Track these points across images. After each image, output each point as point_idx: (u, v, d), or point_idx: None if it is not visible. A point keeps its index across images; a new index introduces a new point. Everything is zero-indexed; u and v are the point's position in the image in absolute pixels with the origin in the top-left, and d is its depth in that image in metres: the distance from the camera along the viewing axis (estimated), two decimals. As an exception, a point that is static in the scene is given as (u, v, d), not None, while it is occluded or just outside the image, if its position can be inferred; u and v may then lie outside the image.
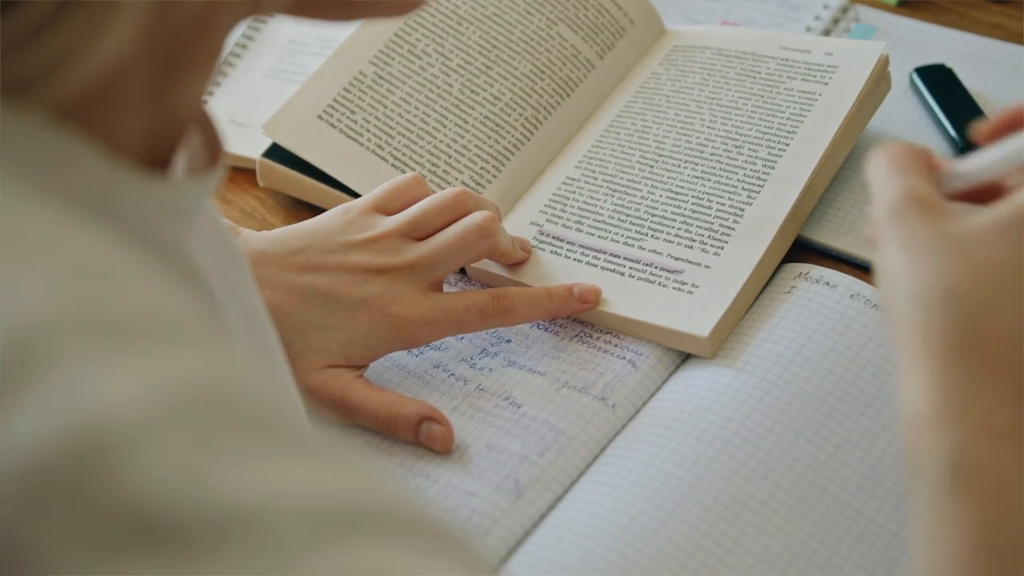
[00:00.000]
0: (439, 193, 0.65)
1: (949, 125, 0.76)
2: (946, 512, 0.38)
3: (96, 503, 0.22)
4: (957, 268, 0.40)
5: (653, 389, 0.63)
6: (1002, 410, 0.39)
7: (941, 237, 0.41)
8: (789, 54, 0.77)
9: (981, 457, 0.38)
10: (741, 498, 0.55)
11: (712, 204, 0.69)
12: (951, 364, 0.39)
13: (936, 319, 0.40)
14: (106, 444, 0.22)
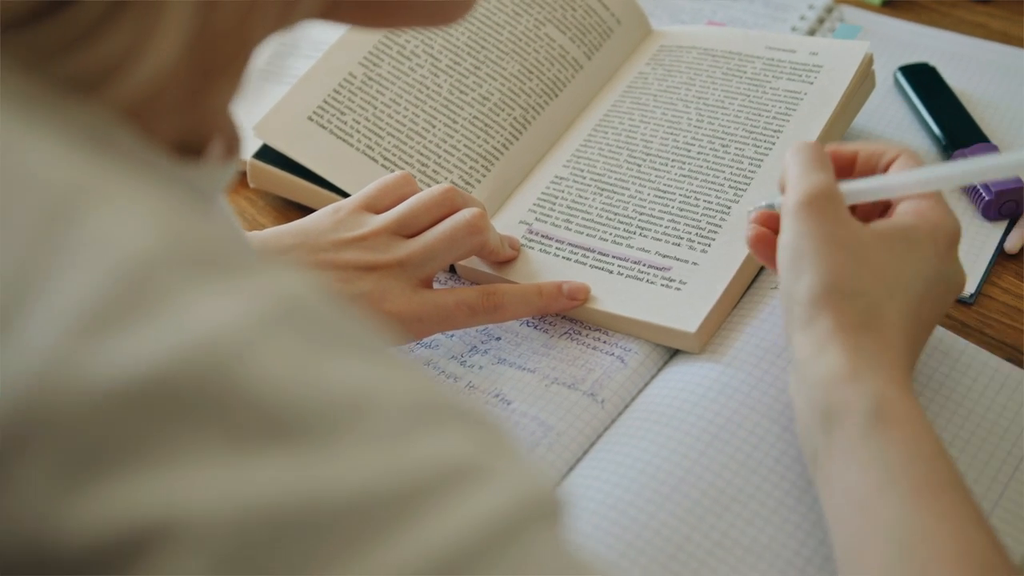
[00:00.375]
0: (427, 190, 0.65)
1: (933, 123, 0.77)
2: (869, 449, 0.46)
3: (226, 405, 0.24)
4: (862, 271, 0.51)
5: (642, 384, 0.64)
6: (896, 370, 0.49)
7: (851, 240, 0.51)
8: (775, 54, 0.78)
9: (894, 400, 0.48)
10: (729, 491, 0.56)
11: (699, 202, 0.70)
12: (859, 339, 0.49)
13: (846, 307, 0.50)
14: (226, 354, 0.24)
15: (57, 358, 0.23)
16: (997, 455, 0.57)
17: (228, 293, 0.25)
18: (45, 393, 0.23)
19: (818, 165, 0.53)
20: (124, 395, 0.23)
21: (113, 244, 0.25)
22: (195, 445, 0.24)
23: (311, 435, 0.24)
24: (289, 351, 0.25)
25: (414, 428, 0.25)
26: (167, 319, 0.24)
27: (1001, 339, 0.65)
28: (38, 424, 0.23)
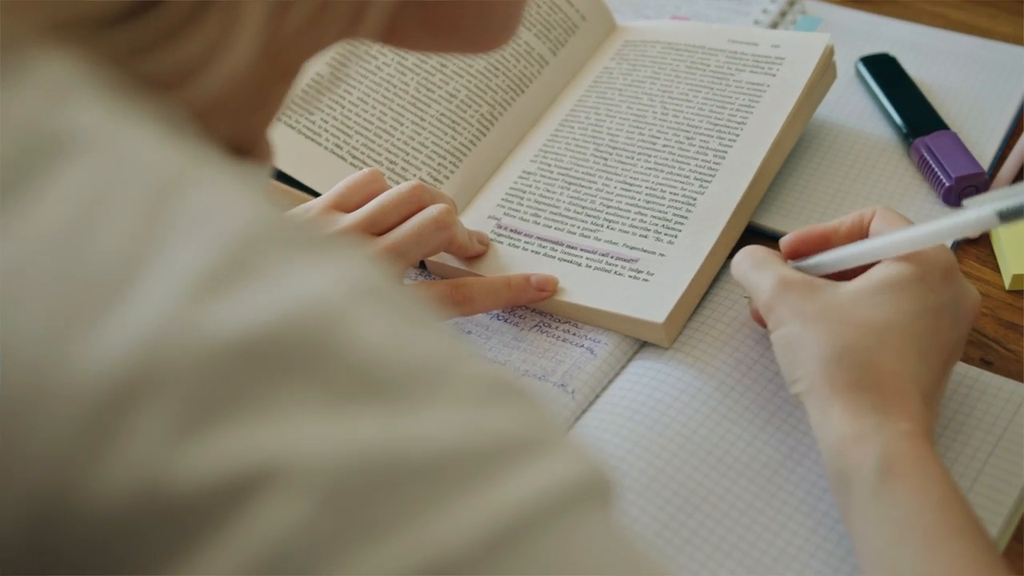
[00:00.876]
0: (395, 188, 0.66)
1: (894, 112, 0.78)
2: (881, 506, 0.48)
3: (327, 362, 0.26)
4: (844, 329, 0.52)
5: (612, 375, 0.64)
6: (902, 420, 0.50)
7: (824, 307, 0.53)
8: (737, 47, 0.79)
9: (901, 453, 0.49)
10: (700, 492, 0.57)
11: (665, 194, 0.71)
12: (857, 398, 0.51)
13: (836, 370, 0.52)
14: (327, 317, 0.26)
15: (174, 317, 0.26)
16: (969, 446, 0.58)
17: (321, 265, 0.27)
18: (163, 349, 0.25)
19: (760, 265, 0.58)
20: (235, 351, 0.26)
21: (216, 219, 0.27)
22: (299, 398, 0.26)
23: (403, 394, 0.26)
24: (380, 319, 0.27)
25: (489, 399, 0.28)
26: (271, 285, 0.26)
27: (963, 323, 0.66)
28: (157, 377, 0.25)
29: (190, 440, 0.25)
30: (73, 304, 0.26)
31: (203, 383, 0.25)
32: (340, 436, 0.26)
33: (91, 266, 0.26)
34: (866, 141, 0.78)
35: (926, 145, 0.74)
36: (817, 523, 0.56)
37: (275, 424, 0.25)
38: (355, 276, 0.28)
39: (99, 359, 0.25)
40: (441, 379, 0.27)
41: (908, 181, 0.75)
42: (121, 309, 0.26)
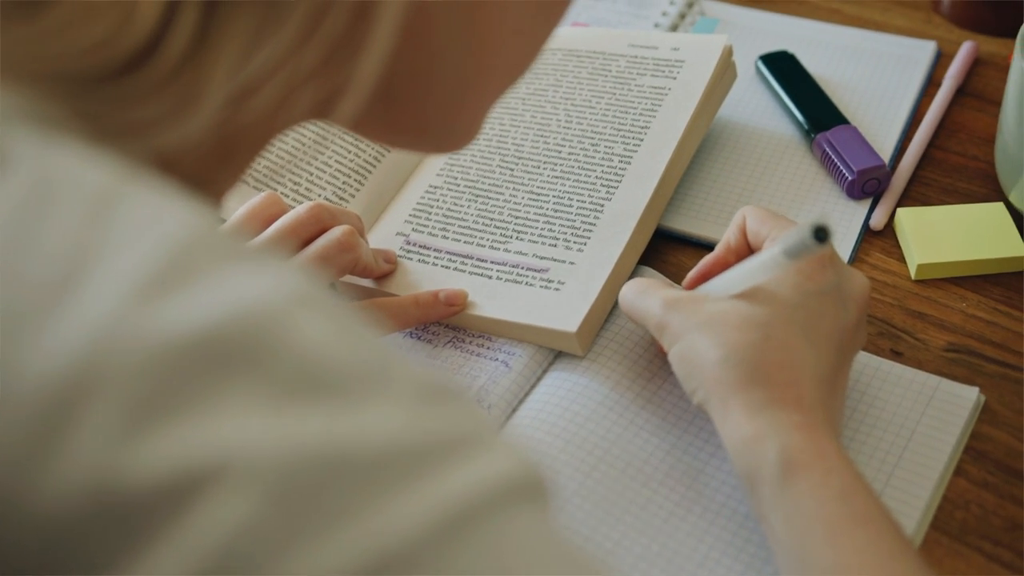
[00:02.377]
0: (295, 210, 0.64)
1: (795, 109, 0.79)
2: (786, 501, 0.48)
3: (270, 361, 0.26)
4: (727, 331, 0.53)
5: (528, 387, 0.64)
6: (796, 411, 0.51)
7: (708, 315, 0.54)
8: (638, 51, 0.79)
9: (799, 447, 0.49)
10: (621, 503, 0.57)
11: (573, 202, 0.70)
12: (750, 396, 0.51)
13: (725, 371, 0.52)
14: (269, 318, 0.27)
15: (117, 318, 0.26)
16: (884, 440, 0.59)
17: (260, 272, 0.28)
18: (108, 348, 0.26)
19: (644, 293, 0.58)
20: (179, 349, 0.26)
21: (157, 226, 0.28)
22: (243, 395, 0.26)
23: (345, 392, 0.27)
24: (320, 322, 0.28)
25: (427, 398, 0.28)
26: (213, 288, 0.27)
27: (872, 314, 0.66)
28: (102, 376, 0.25)
29: (136, 438, 0.25)
30: (15, 307, 0.26)
31: (148, 381, 0.26)
32: (285, 432, 0.26)
33: (32, 270, 0.27)
34: (769, 139, 0.79)
35: (828, 140, 0.75)
36: (739, 526, 0.56)
37: (220, 421, 0.26)
38: (294, 283, 0.28)
39: (43, 360, 0.25)
40: (381, 379, 0.28)
41: (812, 176, 0.76)
42: (64, 311, 0.26)
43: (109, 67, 0.31)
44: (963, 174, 0.75)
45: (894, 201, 0.73)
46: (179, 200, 0.29)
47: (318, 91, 0.35)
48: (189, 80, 0.31)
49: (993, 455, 0.59)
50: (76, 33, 0.30)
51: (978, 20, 0.87)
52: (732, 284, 0.56)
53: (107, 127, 0.31)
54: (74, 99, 0.31)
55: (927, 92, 0.82)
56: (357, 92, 0.35)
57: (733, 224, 0.61)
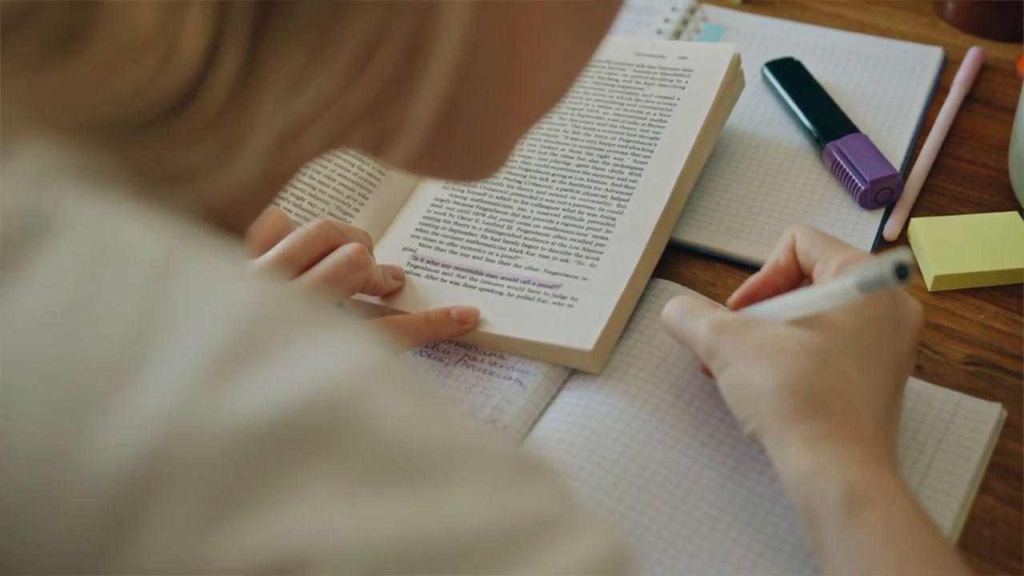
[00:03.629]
0: (303, 227, 0.63)
1: (804, 117, 0.78)
2: (849, 539, 0.47)
3: (350, 445, 0.25)
4: (783, 360, 0.51)
5: (543, 406, 0.63)
6: (857, 444, 0.49)
7: (761, 342, 0.52)
8: (644, 60, 0.78)
9: (863, 482, 0.47)
10: (643, 521, 0.56)
11: (584, 216, 0.69)
12: (809, 428, 0.49)
13: (781, 401, 0.50)
14: (348, 398, 0.26)
15: (187, 403, 0.24)
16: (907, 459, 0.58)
17: (332, 342, 0.26)
18: (179, 437, 0.24)
19: (691, 313, 0.57)
20: (255, 435, 0.25)
21: (219, 298, 0.26)
22: (325, 482, 0.25)
23: (428, 475, 0.26)
24: (399, 397, 0.26)
25: (512, 478, 0.27)
26: (285, 364, 0.25)
27: (889, 328, 0.65)
28: (175, 466, 0.24)
29: (216, 530, 0.24)
30: (78, 392, 0.25)
31: (225, 469, 0.24)
32: (368, 522, 0.25)
33: (93, 350, 0.25)
34: (778, 148, 0.78)
35: (838, 149, 0.74)
36: (764, 545, 0.55)
37: (302, 510, 0.24)
38: (369, 354, 0.27)
39: (112, 450, 0.24)
40: (464, 459, 0.27)
41: (823, 186, 0.75)
42: (130, 395, 0.25)
43: (152, 112, 0.29)
44: (975, 182, 0.75)
45: (907, 211, 0.72)
46: (235, 261, 0.28)
47: (369, 132, 0.34)
48: (234, 121, 0.30)
49: (1018, 470, 0.58)
50: (115, 77, 0.29)
51: (983, 25, 0.86)
52: (791, 310, 0.54)
53: (152, 176, 0.30)
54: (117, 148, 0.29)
55: (935, 99, 0.81)
56: (412, 133, 0.34)
57: (782, 243, 0.59)
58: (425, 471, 0.26)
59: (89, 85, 0.28)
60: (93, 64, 0.28)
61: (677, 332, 0.58)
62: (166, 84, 0.29)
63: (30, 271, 0.26)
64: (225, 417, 0.25)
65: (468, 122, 0.38)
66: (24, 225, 0.26)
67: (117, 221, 0.27)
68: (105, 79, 0.28)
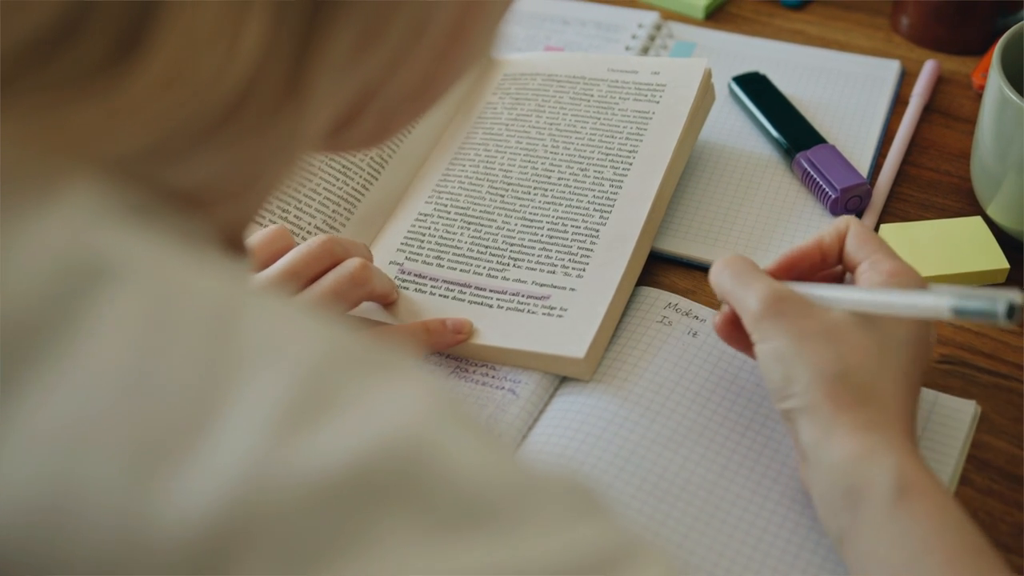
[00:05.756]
0: (306, 243, 0.64)
1: (772, 129, 0.80)
2: (898, 523, 0.48)
3: (425, 491, 0.25)
4: (845, 350, 0.52)
5: (536, 414, 0.64)
6: (907, 441, 0.51)
7: (822, 326, 0.53)
8: (618, 75, 0.80)
9: (914, 472, 0.49)
10: (639, 520, 0.57)
11: (568, 228, 0.71)
12: (863, 415, 0.51)
13: (841, 388, 0.51)
14: (420, 444, 0.26)
15: (262, 457, 0.24)
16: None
17: (396, 388, 0.27)
18: (256, 492, 0.24)
19: (746, 276, 0.57)
20: (332, 487, 0.25)
21: (283, 348, 0.26)
22: (403, 530, 0.25)
23: (499, 517, 0.26)
24: (465, 441, 0.27)
25: (576, 515, 0.28)
26: (354, 414, 0.26)
27: (864, 330, 0.68)
28: (254, 521, 0.24)
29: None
30: (150, 448, 0.24)
31: (304, 521, 0.24)
32: (448, 566, 0.25)
33: (162, 405, 0.25)
34: (748, 159, 0.80)
35: (808, 159, 0.77)
36: (758, 539, 0.56)
37: (383, 559, 0.25)
38: (434, 398, 0.27)
39: (190, 507, 0.24)
40: (531, 499, 0.27)
41: (794, 195, 0.77)
42: (203, 451, 0.24)
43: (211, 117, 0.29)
44: (938, 189, 0.78)
45: (876, 217, 0.75)
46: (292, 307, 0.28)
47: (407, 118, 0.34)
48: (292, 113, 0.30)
49: (995, 463, 0.61)
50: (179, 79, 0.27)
51: (936, 39, 0.90)
52: (858, 304, 0.54)
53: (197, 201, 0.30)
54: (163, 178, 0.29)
55: (895, 110, 0.84)
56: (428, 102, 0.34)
57: (833, 228, 0.60)
58: (496, 513, 0.26)
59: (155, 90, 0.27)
60: (157, 64, 0.27)
61: (728, 291, 0.58)
62: (227, 84, 0.28)
63: (94, 321, 0.25)
64: (300, 470, 0.25)
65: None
66: (82, 269, 0.26)
67: (172, 264, 0.27)
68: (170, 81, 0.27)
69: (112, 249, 0.26)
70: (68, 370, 0.25)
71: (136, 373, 0.25)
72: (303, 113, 0.30)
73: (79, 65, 0.27)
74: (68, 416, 0.24)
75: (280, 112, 0.30)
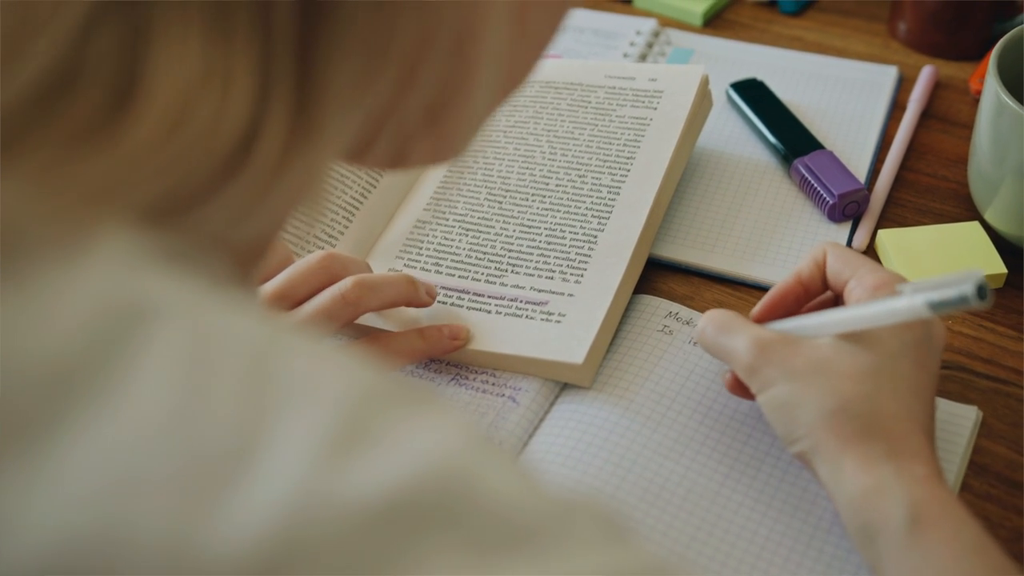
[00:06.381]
0: (305, 258, 0.64)
1: (770, 135, 0.80)
2: (916, 555, 0.47)
3: (468, 517, 0.26)
4: (838, 381, 0.52)
5: (537, 421, 0.64)
6: (916, 463, 0.50)
7: (811, 362, 0.53)
8: (615, 82, 0.80)
9: (927, 499, 0.48)
10: (642, 530, 0.57)
11: (566, 234, 0.71)
12: (867, 447, 0.50)
13: (841, 423, 0.51)
14: (458, 472, 0.26)
15: (308, 486, 0.25)
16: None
17: (432, 420, 0.27)
18: (303, 521, 0.25)
19: (729, 329, 0.57)
20: (376, 514, 0.25)
21: (323, 384, 0.27)
22: (447, 555, 0.25)
23: (539, 541, 0.27)
24: (501, 469, 0.27)
25: (608, 538, 0.28)
26: (394, 444, 0.26)
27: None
28: (301, 550, 0.25)
29: None
30: (197, 481, 0.25)
31: (351, 549, 0.25)
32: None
33: (207, 439, 0.25)
34: (746, 165, 0.80)
35: (805, 165, 0.77)
36: (761, 548, 0.56)
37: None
38: (466, 430, 0.28)
39: (236, 537, 0.24)
40: (569, 522, 0.28)
41: (792, 201, 0.77)
42: (249, 483, 0.25)
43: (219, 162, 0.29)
44: (936, 195, 0.78)
45: (873, 223, 0.75)
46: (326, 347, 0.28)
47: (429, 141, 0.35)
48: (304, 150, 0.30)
49: (993, 468, 0.61)
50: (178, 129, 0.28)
51: (934, 45, 0.90)
52: (840, 325, 0.54)
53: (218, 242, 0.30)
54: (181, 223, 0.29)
55: (893, 115, 0.84)
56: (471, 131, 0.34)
57: (810, 258, 0.59)
58: (534, 536, 0.27)
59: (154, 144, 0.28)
60: (153, 117, 0.28)
61: (714, 348, 0.58)
62: (231, 121, 0.28)
63: (136, 362, 0.26)
64: (345, 498, 0.25)
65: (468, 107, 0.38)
66: (121, 313, 0.26)
67: (207, 305, 0.27)
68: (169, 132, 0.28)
69: (148, 293, 0.27)
70: (112, 409, 0.25)
71: (180, 410, 0.25)
72: (315, 149, 0.31)
73: (79, 119, 0.27)
74: (114, 454, 0.25)
75: (291, 150, 0.30)
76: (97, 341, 0.26)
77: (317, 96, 0.30)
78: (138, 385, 0.25)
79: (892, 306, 0.51)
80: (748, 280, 0.72)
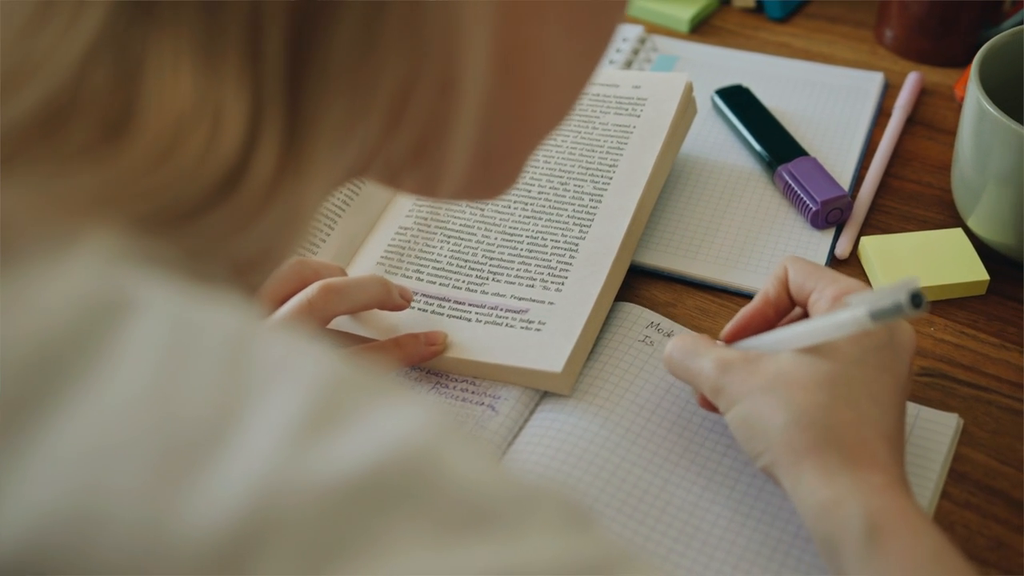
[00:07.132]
0: None
1: (755, 142, 0.80)
2: (874, 566, 0.47)
3: (434, 496, 0.27)
4: (792, 393, 0.52)
5: (516, 429, 0.64)
6: (873, 472, 0.50)
7: (768, 377, 0.53)
8: (599, 89, 0.80)
9: (883, 510, 0.48)
10: (620, 539, 0.57)
11: (547, 242, 0.71)
12: (824, 459, 0.50)
13: (795, 434, 0.51)
14: (428, 452, 0.27)
15: (281, 464, 0.26)
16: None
17: (401, 407, 0.28)
18: (275, 496, 0.26)
19: (693, 353, 0.58)
20: (345, 492, 0.26)
21: (296, 368, 0.28)
22: (412, 532, 0.26)
23: (503, 522, 0.27)
24: (466, 452, 0.28)
25: (572, 525, 0.29)
26: (363, 427, 0.27)
27: (845, 343, 0.68)
28: (274, 522, 0.25)
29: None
30: (173, 459, 0.26)
31: (320, 524, 0.26)
32: (455, 565, 0.26)
33: (183, 419, 0.26)
34: (730, 172, 0.80)
35: (789, 172, 0.76)
36: (738, 559, 0.56)
37: (395, 558, 0.26)
38: (432, 416, 0.29)
39: (210, 511, 0.25)
40: (531, 506, 0.28)
41: (775, 208, 0.77)
42: (224, 460, 0.26)
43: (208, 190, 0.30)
44: (919, 201, 0.78)
45: (857, 230, 0.75)
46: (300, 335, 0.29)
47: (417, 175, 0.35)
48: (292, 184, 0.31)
49: (973, 476, 0.60)
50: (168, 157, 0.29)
51: (920, 52, 0.90)
52: (796, 340, 0.54)
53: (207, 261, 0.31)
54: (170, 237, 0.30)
55: (878, 122, 0.84)
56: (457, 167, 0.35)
57: (773, 277, 0.60)
58: (500, 517, 0.27)
59: (143, 170, 0.29)
60: (144, 146, 0.29)
61: (680, 371, 0.58)
62: (219, 154, 0.30)
63: (117, 348, 0.27)
64: (315, 476, 0.26)
65: (490, 142, 0.39)
66: (104, 304, 0.27)
67: (187, 300, 0.28)
68: (158, 161, 0.29)
69: (131, 286, 0.28)
70: (93, 392, 0.26)
71: (157, 392, 0.26)
72: (304, 182, 0.32)
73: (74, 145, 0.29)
74: (93, 433, 0.26)
75: (280, 183, 0.31)
76: (80, 328, 0.27)
77: (306, 132, 0.31)
78: (118, 369, 0.26)
79: (838, 319, 0.52)
80: (731, 287, 0.72)
